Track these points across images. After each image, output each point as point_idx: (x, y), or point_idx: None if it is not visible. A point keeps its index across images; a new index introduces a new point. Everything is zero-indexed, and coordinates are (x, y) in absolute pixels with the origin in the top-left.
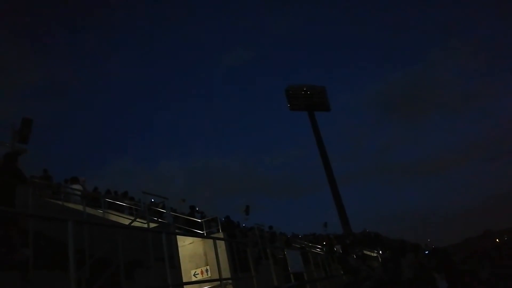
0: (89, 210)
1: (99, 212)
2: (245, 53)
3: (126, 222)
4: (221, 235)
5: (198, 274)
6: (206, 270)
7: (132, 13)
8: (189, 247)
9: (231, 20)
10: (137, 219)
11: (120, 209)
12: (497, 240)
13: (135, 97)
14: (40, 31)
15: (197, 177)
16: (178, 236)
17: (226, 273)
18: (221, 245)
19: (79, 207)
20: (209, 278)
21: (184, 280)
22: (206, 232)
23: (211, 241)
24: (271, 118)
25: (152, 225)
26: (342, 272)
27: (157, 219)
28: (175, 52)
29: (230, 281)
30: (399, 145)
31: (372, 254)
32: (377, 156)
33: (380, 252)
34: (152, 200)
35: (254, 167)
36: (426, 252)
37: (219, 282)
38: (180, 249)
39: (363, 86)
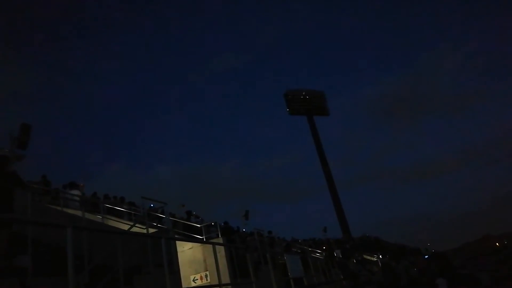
0: (88, 216)
1: (98, 217)
2: (243, 57)
3: (125, 227)
4: (220, 240)
5: (197, 279)
6: (206, 276)
7: (123, 22)
8: (188, 253)
9: (226, 25)
10: (136, 225)
11: (119, 214)
12: (497, 244)
13: (128, 102)
14: (33, 37)
15: (193, 182)
16: (177, 242)
17: (226, 279)
18: (221, 250)
19: (78, 213)
20: (208, 284)
21: (184, 285)
22: (205, 238)
23: (210, 246)
24: (267, 122)
25: (151, 230)
26: (342, 277)
27: (156, 224)
28: (169, 57)
29: (229, 287)
30: (397, 149)
31: (372, 258)
32: (375, 160)
33: (380, 256)
34: (152, 205)
35: (252, 171)
36: (426, 256)
37: None
38: (179, 255)
39: (359, 91)
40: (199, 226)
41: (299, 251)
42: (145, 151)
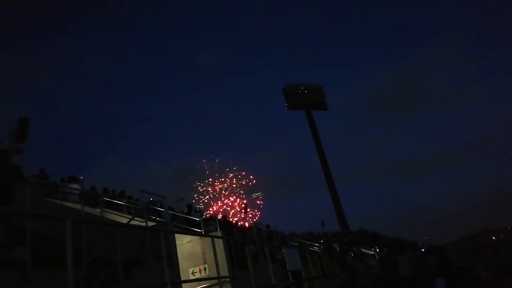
0: (87, 209)
1: (97, 211)
2: (241, 52)
3: (124, 221)
4: (219, 233)
5: (196, 272)
6: (204, 269)
7: (116, 14)
8: (187, 246)
9: (223, 19)
10: (135, 218)
11: (118, 208)
12: (494, 238)
13: (121, 97)
14: (23, 30)
15: (188, 177)
16: (176, 235)
17: (224, 272)
18: (219, 243)
19: (77, 206)
20: (207, 277)
21: (182, 278)
22: (204, 231)
23: (209, 239)
24: (265, 117)
25: (150, 223)
26: (339, 270)
27: (155, 217)
28: (162, 51)
29: (228, 279)
30: (393, 143)
31: (370, 252)
32: (372, 154)
33: (377, 250)
34: (151, 199)
35: (249, 166)
36: (423, 250)
37: (217, 280)
38: (178, 248)
39: (355, 85)
40: (198, 219)
41: (297, 244)
42: (139, 145)
